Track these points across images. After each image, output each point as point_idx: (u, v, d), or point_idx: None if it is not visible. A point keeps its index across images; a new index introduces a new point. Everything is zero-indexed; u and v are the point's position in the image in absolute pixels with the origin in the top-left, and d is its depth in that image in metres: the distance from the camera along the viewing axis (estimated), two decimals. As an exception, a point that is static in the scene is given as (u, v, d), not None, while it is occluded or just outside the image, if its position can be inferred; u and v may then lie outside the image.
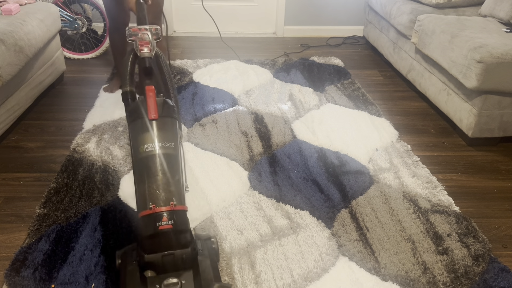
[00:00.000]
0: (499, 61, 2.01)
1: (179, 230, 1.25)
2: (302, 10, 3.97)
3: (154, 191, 1.26)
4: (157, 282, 1.24)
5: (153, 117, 1.33)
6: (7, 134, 2.26)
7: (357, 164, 2.05)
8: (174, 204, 1.25)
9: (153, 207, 1.24)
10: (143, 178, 1.28)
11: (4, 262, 1.48)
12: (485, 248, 1.58)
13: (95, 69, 3.12)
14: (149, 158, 1.29)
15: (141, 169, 1.29)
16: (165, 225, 1.22)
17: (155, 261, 1.24)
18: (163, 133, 1.33)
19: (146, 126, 1.32)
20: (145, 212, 1.24)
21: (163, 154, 1.30)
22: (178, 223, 1.25)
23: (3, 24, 2.17)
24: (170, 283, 1.22)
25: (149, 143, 1.30)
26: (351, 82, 2.97)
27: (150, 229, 1.23)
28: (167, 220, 1.23)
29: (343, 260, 1.51)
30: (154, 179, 1.27)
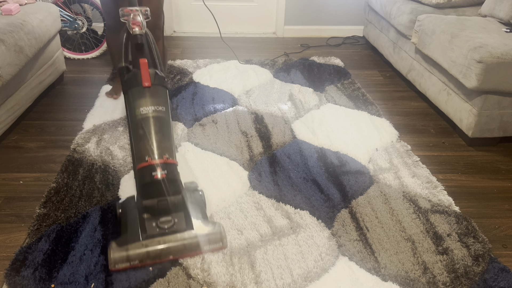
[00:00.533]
0: (499, 61, 2.01)
1: (171, 179, 1.49)
2: (302, 10, 3.97)
3: (149, 147, 1.50)
4: (154, 221, 1.48)
5: (147, 85, 1.56)
6: (7, 134, 2.27)
7: (357, 164, 2.05)
8: (167, 158, 1.49)
9: (149, 160, 1.47)
10: (140, 137, 1.51)
11: (4, 262, 1.48)
12: (485, 248, 1.58)
13: (95, 69, 3.13)
14: (144, 120, 1.53)
15: (137, 129, 1.52)
16: (159, 174, 1.46)
17: (151, 205, 1.48)
18: (155, 99, 1.56)
19: (141, 92, 1.56)
20: (142, 164, 1.47)
21: (156, 116, 1.54)
22: (170, 174, 1.49)
23: (3, 24, 2.17)
24: (165, 220, 1.48)
25: (144, 107, 1.54)
26: (351, 82, 2.97)
27: (147, 178, 1.46)
28: (161, 170, 1.47)
29: (343, 260, 1.51)
30: (149, 137, 1.51)
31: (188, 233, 1.46)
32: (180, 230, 1.47)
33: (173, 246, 1.44)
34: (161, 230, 1.46)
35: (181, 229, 1.48)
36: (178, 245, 1.45)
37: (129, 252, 1.41)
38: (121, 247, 1.41)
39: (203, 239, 1.47)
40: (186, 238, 1.46)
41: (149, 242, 1.43)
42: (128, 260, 1.41)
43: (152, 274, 1.43)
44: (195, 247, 1.47)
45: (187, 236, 1.46)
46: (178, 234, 1.46)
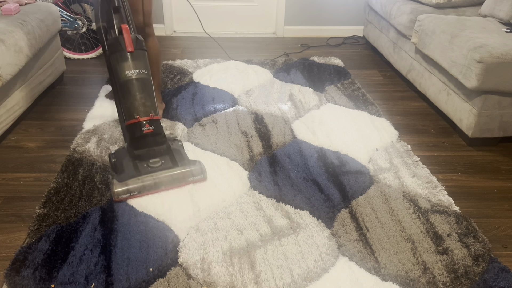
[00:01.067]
0: (499, 61, 2.01)
1: (157, 133, 1.80)
2: (302, 10, 3.97)
3: (137, 106, 1.76)
4: (145, 163, 1.79)
5: (130, 50, 1.77)
6: (7, 134, 2.27)
7: (357, 164, 2.05)
8: (152, 115, 1.79)
9: (137, 117, 1.76)
10: (127, 96, 1.76)
11: (4, 262, 1.48)
12: (485, 248, 1.58)
13: (95, 69, 3.13)
14: (130, 82, 1.76)
15: (124, 90, 1.77)
16: (147, 129, 1.77)
17: (141, 154, 1.81)
18: (138, 62, 1.79)
19: (125, 56, 1.77)
20: (132, 121, 1.77)
21: (140, 78, 1.78)
22: (156, 128, 1.80)
23: (3, 24, 2.17)
24: (154, 161, 1.81)
25: (128, 70, 1.76)
26: (351, 82, 2.97)
27: (137, 133, 1.77)
28: (149, 126, 1.77)
29: (343, 260, 1.51)
30: (135, 97, 1.76)
31: (174, 169, 1.79)
32: (167, 167, 1.79)
33: (163, 179, 1.76)
34: (152, 169, 1.77)
35: (168, 167, 1.79)
36: (167, 178, 1.76)
37: (129, 186, 1.71)
38: (121, 182, 1.71)
39: (187, 173, 1.80)
40: (173, 173, 1.78)
41: (144, 177, 1.74)
42: (129, 192, 1.72)
43: (152, 274, 1.43)
44: (182, 179, 1.79)
45: (174, 172, 1.78)
46: (166, 170, 1.78)
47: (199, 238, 1.58)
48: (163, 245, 1.54)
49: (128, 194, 1.71)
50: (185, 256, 1.50)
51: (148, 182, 1.73)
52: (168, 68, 3.12)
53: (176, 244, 1.55)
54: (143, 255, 1.50)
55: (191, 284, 1.40)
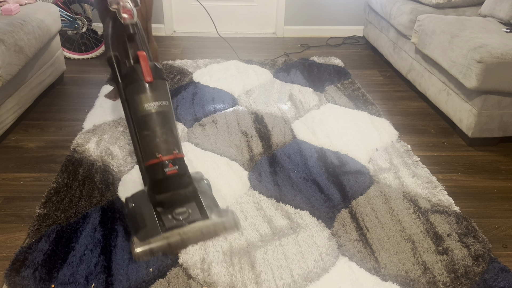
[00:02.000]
0: (499, 61, 2.01)
1: (182, 174, 1.51)
2: (302, 10, 3.97)
3: (158, 143, 1.50)
4: (169, 213, 1.50)
5: (149, 80, 1.53)
6: (7, 134, 2.26)
7: (357, 164, 2.05)
8: (176, 153, 1.51)
9: (159, 156, 1.48)
10: (146, 133, 1.51)
11: (4, 262, 1.48)
12: (485, 248, 1.58)
13: (95, 69, 3.13)
14: (149, 116, 1.51)
15: (143, 126, 1.51)
16: (171, 170, 1.48)
17: (165, 199, 1.50)
18: (158, 93, 1.54)
19: (144, 88, 1.52)
20: (153, 161, 1.48)
21: (161, 111, 1.52)
22: (181, 168, 1.51)
23: (3, 24, 2.17)
24: (180, 211, 1.50)
25: (147, 103, 1.51)
26: (351, 82, 2.97)
27: (159, 175, 1.48)
28: (173, 166, 1.49)
29: (343, 260, 1.51)
30: (156, 133, 1.51)
31: (204, 222, 1.49)
32: (196, 219, 1.50)
33: (192, 235, 1.47)
34: (178, 222, 1.49)
35: (196, 219, 1.50)
36: (196, 234, 1.47)
37: (152, 246, 1.43)
38: (143, 242, 1.43)
39: (219, 226, 1.50)
40: (203, 227, 1.48)
41: (169, 234, 1.44)
42: (152, 253, 1.44)
43: (152, 274, 1.43)
44: (212, 233, 1.51)
45: (204, 225, 1.48)
46: (195, 224, 1.48)
47: (199, 238, 1.57)
48: (163, 245, 1.54)
49: (151, 256, 1.44)
50: (185, 256, 1.50)
51: (175, 239, 1.44)
52: (168, 68, 3.12)
53: (176, 244, 1.55)
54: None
55: (191, 284, 1.40)
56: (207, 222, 1.49)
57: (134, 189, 1.83)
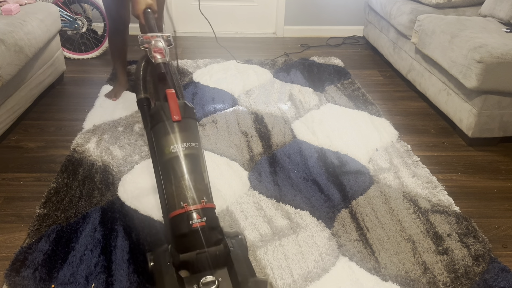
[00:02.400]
0: (499, 61, 2.01)
1: (211, 227, 1.26)
2: (302, 10, 3.97)
3: (184, 191, 1.28)
4: (194, 281, 1.22)
5: (177, 119, 1.35)
6: (7, 134, 2.26)
7: (357, 164, 2.05)
8: (205, 202, 1.27)
9: (185, 206, 1.25)
10: (171, 179, 1.30)
11: (4, 262, 1.48)
12: (485, 248, 1.58)
13: (95, 69, 3.13)
14: (176, 159, 1.31)
15: (168, 171, 1.31)
16: (198, 222, 1.23)
17: (190, 260, 1.24)
18: (187, 134, 1.35)
19: (170, 128, 1.34)
20: (177, 212, 1.25)
21: (189, 154, 1.32)
22: (210, 220, 1.26)
23: (3, 24, 2.17)
24: (208, 281, 1.20)
25: (174, 145, 1.32)
26: (351, 82, 2.97)
27: (184, 228, 1.23)
28: (200, 217, 1.24)
29: (343, 260, 1.51)
30: (182, 179, 1.29)
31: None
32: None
33: None
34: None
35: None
36: None
37: None
38: None
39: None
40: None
41: None
42: None
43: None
44: None
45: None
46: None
47: (199, 238, 1.57)
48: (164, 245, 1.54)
49: None
50: (185, 256, 1.50)
51: None
52: (168, 68, 3.12)
53: (176, 244, 1.55)
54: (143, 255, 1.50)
55: (191, 284, 1.40)
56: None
57: (134, 189, 1.82)
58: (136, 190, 1.82)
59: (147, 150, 2.10)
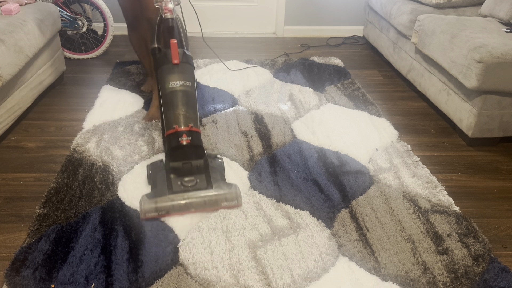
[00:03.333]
0: (499, 61, 2.01)
1: (195, 145, 1.71)
2: (302, 10, 3.97)
3: (177, 116, 1.72)
4: (179, 180, 1.71)
5: (176, 62, 1.79)
6: (7, 134, 2.27)
7: (357, 164, 2.05)
8: (191, 126, 1.72)
9: (176, 127, 1.70)
10: (169, 107, 1.74)
11: (4, 262, 1.48)
12: (485, 248, 1.58)
13: (95, 69, 3.13)
14: (173, 93, 1.76)
15: (167, 101, 1.76)
16: (185, 140, 1.68)
17: (177, 167, 1.72)
18: (183, 75, 1.79)
19: (171, 69, 1.79)
20: (170, 131, 1.71)
21: (183, 90, 1.77)
22: (194, 140, 1.71)
23: (3, 24, 2.17)
24: (189, 180, 1.72)
25: (172, 81, 1.77)
26: (351, 82, 2.97)
27: (174, 143, 1.69)
28: (186, 137, 1.69)
29: (343, 260, 1.51)
30: (176, 107, 1.74)
31: (207, 191, 1.68)
32: (201, 188, 1.70)
33: (195, 201, 1.66)
34: (185, 188, 1.69)
35: (202, 188, 1.70)
36: (198, 201, 1.66)
37: (157, 204, 1.63)
38: (150, 200, 1.63)
39: (220, 197, 1.68)
40: (206, 195, 1.67)
41: (174, 196, 1.65)
42: (156, 211, 1.63)
43: (151, 274, 1.43)
44: (214, 203, 1.68)
45: (207, 194, 1.68)
46: (199, 191, 1.68)
47: (199, 238, 1.58)
48: (164, 245, 1.54)
49: (156, 213, 1.63)
50: (185, 256, 1.50)
51: (178, 202, 1.64)
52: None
53: (176, 244, 1.55)
54: (143, 255, 1.50)
55: (191, 284, 1.40)
56: (210, 192, 1.68)
57: (134, 189, 1.83)
58: (136, 190, 1.82)
59: (147, 150, 2.10)
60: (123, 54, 3.41)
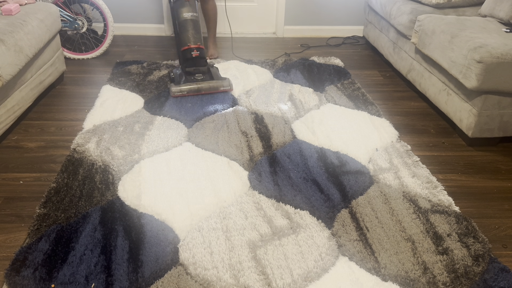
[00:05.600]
0: (499, 61, 2.01)
1: (201, 57, 2.73)
2: (302, 10, 3.97)
3: (189, 37, 2.70)
4: (192, 76, 2.71)
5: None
6: (7, 134, 2.27)
7: (357, 164, 2.05)
8: (199, 44, 2.71)
9: (189, 45, 2.70)
10: (183, 31, 2.70)
11: (4, 262, 1.48)
12: (485, 248, 1.58)
13: (95, 69, 3.13)
14: (186, 21, 2.71)
15: (182, 26, 2.70)
16: (195, 53, 2.70)
17: (190, 70, 2.73)
18: (192, 8, 2.73)
19: (184, 3, 2.72)
20: (185, 47, 2.69)
21: (193, 19, 2.72)
22: (201, 53, 2.73)
23: (3, 24, 2.17)
24: (198, 75, 2.71)
25: (186, 12, 2.71)
26: (351, 82, 2.97)
27: (188, 55, 2.70)
28: (196, 51, 2.70)
29: (343, 260, 1.51)
30: (189, 31, 2.70)
31: (210, 81, 2.70)
32: (206, 80, 2.70)
33: (203, 86, 2.68)
34: (197, 79, 2.69)
35: (207, 79, 2.70)
36: (206, 85, 2.68)
37: (181, 87, 2.65)
38: (176, 86, 2.66)
39: (219, 83, 2.71)
40: (210, 83, 2.69)
41: (190, 83, 2.66)
42: (181, 91, 2.64)
43: (151, 274, 1.43)
44: (215, 87, 2.70)
45: (211, 82, 2.69)
46: (205, 81, 2.68)
47: (199, 238, 1.58)
48: (164, 245, 1.54)
49: (180, 93, 2.62)
50: (185, 255, 1.50)
51: (194, 87, 2.64)
52: (168, 67, 3.12)
53: (176, 244, 1.55)
54: (143, 255, 1.50)
55: (191, 284, 1.40)
56: (212, 82, 2.69)
57: (134, 189, 1.83)
58: (136, 190, 1.82)
59: (146, 150, 2.10)
60: (123, 54, 3.41)
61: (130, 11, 3.85)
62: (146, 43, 3.71)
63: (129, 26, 3.91)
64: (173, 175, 1.93)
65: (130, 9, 3.84)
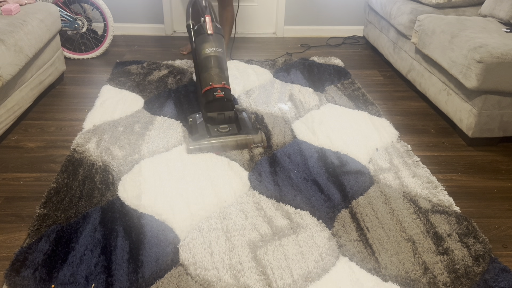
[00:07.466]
0: (499, 61, 2.01)
1: (227, 99, 2.16)
2: (302, 10, 3.97)
3: (212, 76, 2.17)
4: (215, 128, 2.16)
5: (210, 32, 2.26)
6: (7, 134, 2.26)
7: (357, 164, 2.05)
8: (224, 83, 2.16)
9: (212, 84, 2.14)
10: (205, 69, 2.19)
11: (4, 262, 1.48)
12: (486, 248, 1.58)
13: (95, 69, 3.13)
14: (209, 57, 2.21)
15: (203, 64, 2.21)
16: (219, 94, 2.12)
17: (213, 116, 2.16)
18: (216, 43, 2.26)
19: (207, 37, 2.26)
20: (207, 88, 2.15)
21: (216, 55, 2.22)
22: (227, 95, 2.16)
23: (3, 24, 2.17)
24: (223, 127, 2.15)
25: (209, 48, 2.23)
26: (351, 82, 2.97)
27: (210, 97, 2.14)
28: (220, 92, 2.13)
29: (343, 260, 1.51)
30: (211, 69, 2.18)
31: (239, 136, 2.12)
32: (233, 133, 2.13)
33: (229, 143, 2.10)
34: (221, 133, 2.12)
35: (234, 133, 2.13)
36: (232, 142, 2.10)
37: (200, 145, 2.07)
38: (195, 142, 2.07)
39: (249, 140, 2.12)
40: (238, 139, 2.11)
41: (213, 140, 2.09)
42: (200, 150, 2.07)
43: (152, 274, 1.43)
44: (244, 145, 2.12)
45: (239, 138, 2.11)
46: (232, 136, 2.11)
47: (199, 238, 1.58)
48: (164, 245, 1.54)
49: (200, 151, 2.07)
50: (186, 256, 1.50)
51: (217, 144, 2.08)
52: (168, 67, 3.12)
53: (176, 244, 1.55)
54: (143, 255, 1.50)
55: (192, 284, 1.40)
56: (241, 136, 2.12)
57: (134, 189, 1.83)
58: (136, 190, 1.82)
59: (147, 150, 2.10)
60: (123, 54, 3.41)
61: (130, 11, 3.85)
62: (146, 43, 3.71)
63: (129, 26, 3.91)
64: (173, 175, 1.93)
65: (130, 9, 3.84)
